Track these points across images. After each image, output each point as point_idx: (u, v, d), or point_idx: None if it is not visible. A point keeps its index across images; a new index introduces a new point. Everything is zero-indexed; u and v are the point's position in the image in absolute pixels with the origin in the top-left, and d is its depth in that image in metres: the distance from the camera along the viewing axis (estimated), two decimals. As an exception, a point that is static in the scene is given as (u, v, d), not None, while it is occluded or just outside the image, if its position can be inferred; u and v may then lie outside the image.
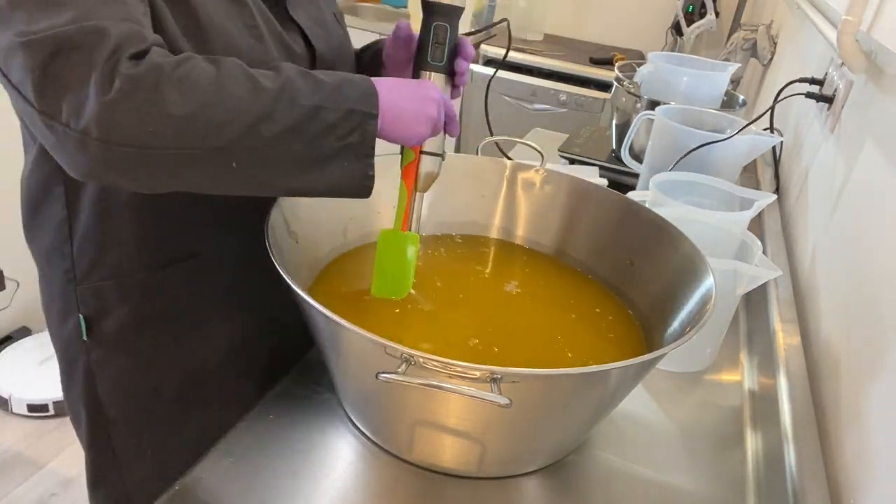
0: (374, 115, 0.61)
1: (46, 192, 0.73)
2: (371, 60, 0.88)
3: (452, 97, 0.76)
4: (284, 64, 0.61)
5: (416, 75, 0.72)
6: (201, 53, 0.63)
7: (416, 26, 0.76)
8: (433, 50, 0.71)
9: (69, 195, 0.72)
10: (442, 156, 0.73)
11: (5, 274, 2.00)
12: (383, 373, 0.52)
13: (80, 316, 0.75)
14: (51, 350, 2.22)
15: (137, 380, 0.78)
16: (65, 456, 1.78)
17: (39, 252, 0.78)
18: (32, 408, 1.86)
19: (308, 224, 0.77)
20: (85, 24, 0.52)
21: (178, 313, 0.76)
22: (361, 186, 0.62)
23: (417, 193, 0.73)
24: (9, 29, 0.52)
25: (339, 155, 0.60)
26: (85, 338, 0.75)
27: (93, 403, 0.78)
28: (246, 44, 0.69)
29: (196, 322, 0.78)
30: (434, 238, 0.88)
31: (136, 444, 0.81)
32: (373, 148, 0.61)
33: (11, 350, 1.99)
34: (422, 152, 0.71)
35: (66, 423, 1.86)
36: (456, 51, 0.72)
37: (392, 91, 0.64)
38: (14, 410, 1.87)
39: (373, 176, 0.62)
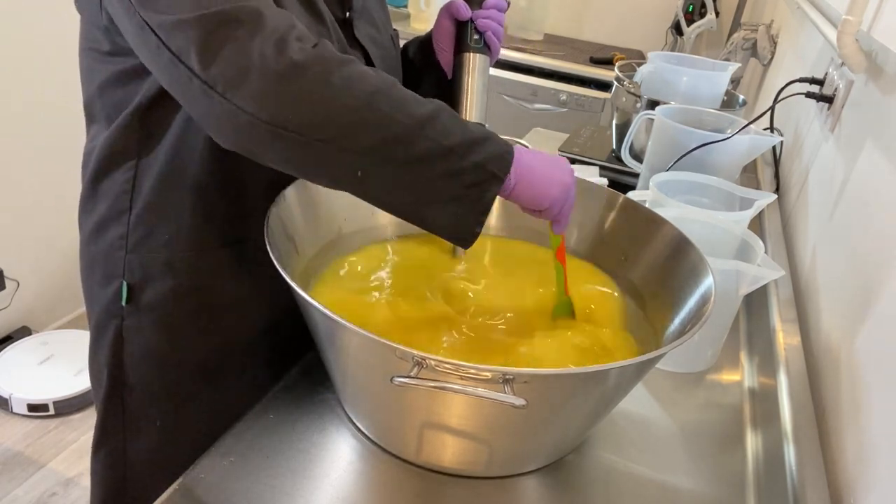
0: (501, 179, 0.63)
1: (116, 162, 0.76)
2: (420, 49, 0.93)
3: (492, 59, 0.85)
4: (438, 101, 0.63)
5: (457, 57, 0.83)
6: None
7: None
8: (471, 33, 0.82)
9: (139, 167, 0.75)
10: (485, 126, 0.79)
11: (5, 274, 2.00)
12: (399, 376, 0.52)
13: (124, 282, 0.78)
14: (51, 350, 2.20)
15: (163, 350, 0.81)
16: (65, 456, 1.78)
17: (93, 217, 0.80)
18: (32, 408, 1.86)
19: (305, 226, 0.77)
20: (245, 5, 0.57)
21: (217, 293, 0.80)
22: (463, 237, 0.64)
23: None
24: (161, 9, 0.57)
25: (454, 201, 0.62)
26: (124, 303, 0.79)
27: (116, 366, 0.82)
28: None
29: (232, 303, 0.81)
30: (430, 237, 0.88)
31: (146, 411, 0.83)
32: (489, 208, 0.63)
33: (11, 350, 1.99)
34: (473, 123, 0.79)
35: (66, 422, 1.87)
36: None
37: (528, 156, 0.66)
38: (14, 410, 1.87)
39: (478, 233, 0.64)
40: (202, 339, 0.81)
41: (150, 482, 0.85)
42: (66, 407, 1.89)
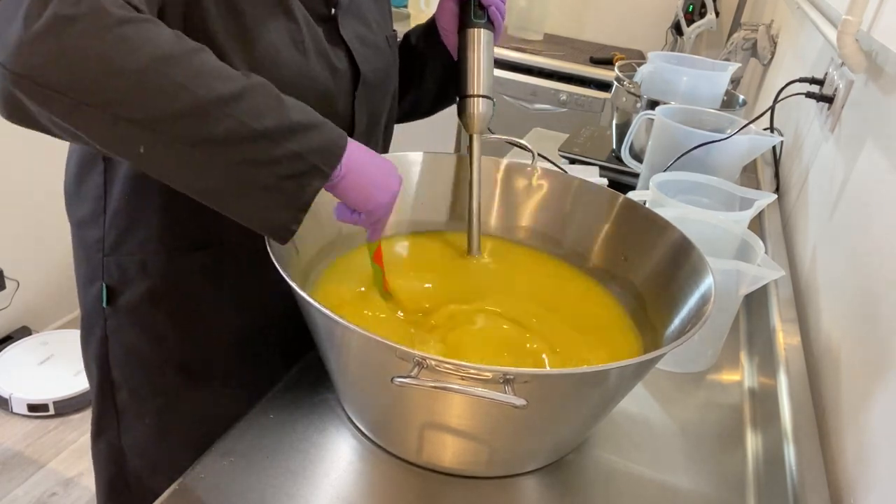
0: (325, 174, 0.58)
1: (90, 165, 0.76)
2: (423, 35, 0.93)
3: (496, 36, 0.85)
4: (260, 78, 0.58)
5: (461, 33, 0.83)
6: (242, 56, 0.65)
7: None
8: (475, 10, 0.82)
9: (107, 171, 0.75)
10: (493, 99, 0.81)
11: (5, 274, 2.00)
12: (399, 376, 0.52)
13: (104, 284, 0.79)
14: (51, 350, 2.21)
15: (145, 351, 0.81)
16: (65, 456, 1.78)
17: (76, 220, 0.82)
18: (32, 408, 1.86)
19: (305, 225, 0.77)
20: None
21: (194, 296, 0.80)
22: (276, 233, 0.60)
23: (476, 136, 0.80)
24: None
25: (265, 192, 0.57)
26: (105, 305, 0.80)
27: (103, 365, 0.83)
28: (289, 54, 0.70)
29: (210, 307, 0.80)
30: (427, 237, 0.88)
31: (136, 408, 0.85)
32: (309, 203, 0.58)
33: (11, 350, 1.99)
34: (479, 96, 0.80)
35: (66, 422, 1.87)
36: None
37: (361, 153, 0.62)
38: (14, 410, 1.87)
39: (295, 230, 0.59)
40: (183, 341, 0.81)
41: (149, 474, 0.87)
42: (66, 407, 1.89)
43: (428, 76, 0.93)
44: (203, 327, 0.81)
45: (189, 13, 0.63)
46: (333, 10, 0.76)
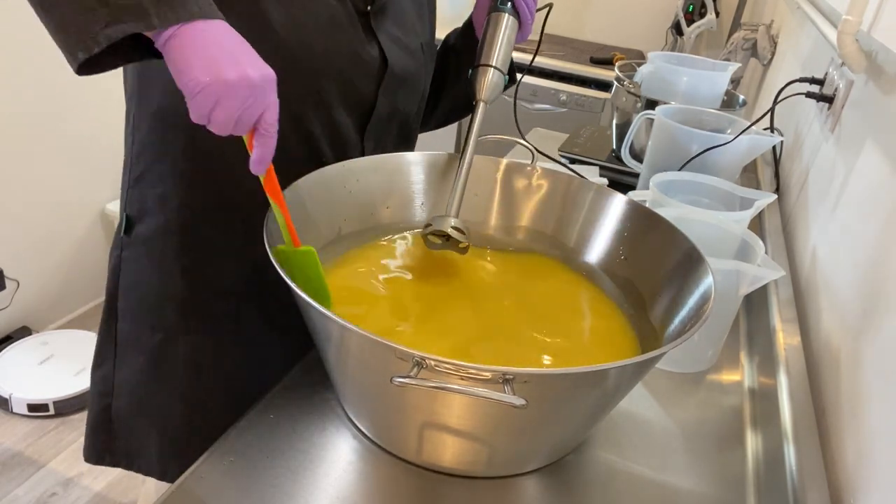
0: (149, 25, 0.51)
1: (129, 99, 0.81)
2: (462, 34, 0.96)
3: (521, 32, 0.86)
4: None
5: (487, 18, 0.84)
6: (281, 12, 0.69)
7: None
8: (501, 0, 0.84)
9: (137, 105, 0.79)
10: (504, 73, 0.82)
11: (5, 274, 2.00)
12: (398, 376, 0.52)
13: (125, 214, 0.84)
14: (51, 350, 2.21)
15: (151, 285, 0.85)
16: (65, 456, 1.78)
17: (125, 156, 0.85)
18: (32, 408, 1.86)
19: (305, 226, 0.77)
20: None
21: (204, 234, 0.83)
22: (68, 52, 0.53)
23: (482, 104, 0.81)
24: None
25: (79, 7, 0.51)
26: (122, 234, 0.85)
27: (112, 293, 0.88)
28: (322, 24, 0.74)
29: (218, 249, 0.83)
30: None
31: (133, 343, 0.87)
32: (111, 39, 0.51)
33: (11, 350, 1.99)
34: (492, 66, 0.81)
35: (66, 422, 1.87)
36: None
37: (223, 31, 0.55)
38: (14, 410, 1.87)
39: (80, 60, 0.52)
40: (187, 279, 0.84)
41: (134, 414, 0.90)
42: (66, 407, 1.89)
43: (464, 72, 0.95)
44: (208, 268, 0.84)
45: None
46: (369, 7, 0.80)
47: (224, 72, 0.54)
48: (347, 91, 0.80)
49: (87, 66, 0.54)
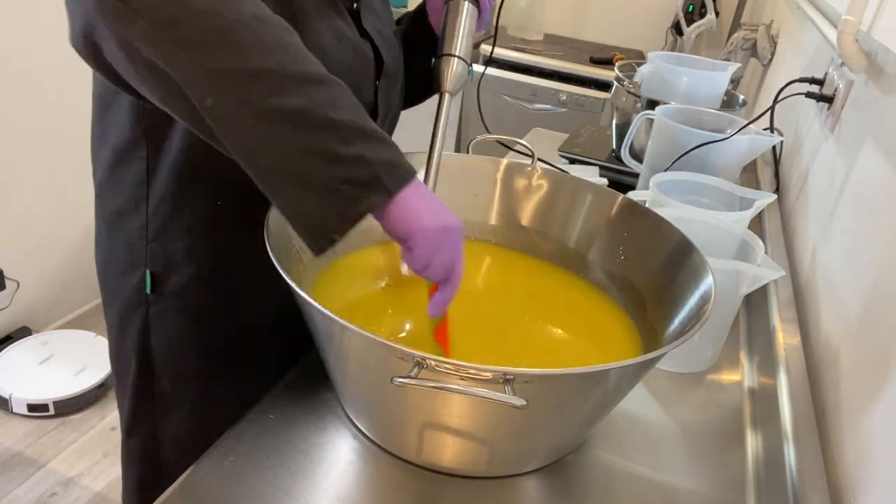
0: (387, 191, 0.55)
1: (129, 152, 0.74)
2: (414, 19, 0.92)
3: (479, 20, 0.82)
4: (344, 84, 0.56)
5: (446, 5, 0.81)
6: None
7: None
8: None
9: (152, 158, 0.73)
10: (468, 62, 0.80)
11: (5, 274, 2.00)
12: (399, 377, 0.52)
13: (147, 271, 0.78)
14: (51, 350, 2.19)
15: (189, 335, 0.81)
16: (65, 456, 1.78)
17: (110, 209, 0.80)
18: (32, 408, 1.86)
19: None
20: None
21: (238, 277, 0.79)
22: (316, 238, 0.56)
23: (447, 95, 0.78)
24: None
25: (319, 190, 0.54)
26: (148, 292, 0.79)
27: (144, 352, 0.82)
28: (332, 45, 0.71)
29: (254, 286, 0.80)
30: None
31: (176, 395, 0.84)
32: (359, 218, 0.55)
33: (11, 350, 1.99)
34: (456, 56, 0.79)
35: (66, 422, 1.87)
36: None
37: (426, 191, 0.59)
38: (14, 410, 1.87)
39: (335, 242, 0.56)
40: (225, 323, 0.82)
41: (184, 463, 0.88)
42: (66, 407, 1.89)
43: (415, 62, 0.93)
44: (243, 308, 0.81)
45: None
46: (356, 5, 0.78)
47: (443, 219, 0.58)
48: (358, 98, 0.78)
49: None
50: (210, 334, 0.82)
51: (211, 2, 0.49)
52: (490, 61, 1.19)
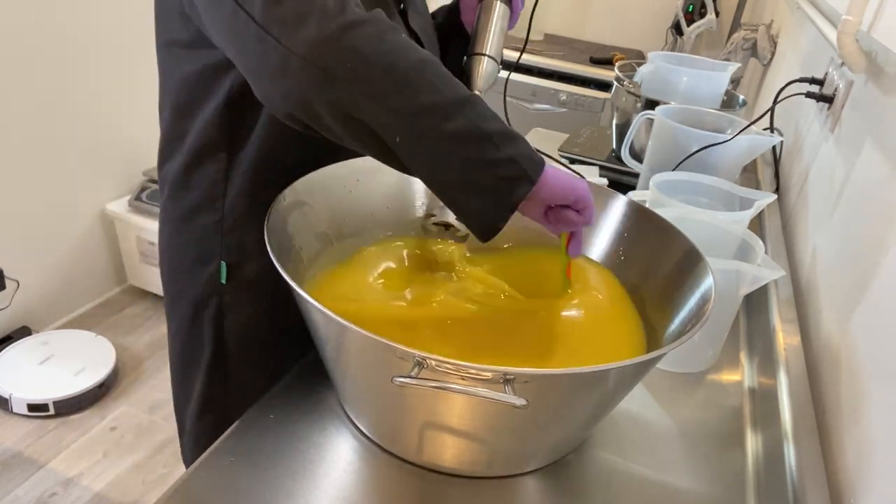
0: (532, 181, 0.63)
1: (207, 154, 0.80)
2: (448, 15, 0.96)
3: (511, 20, 0.87)
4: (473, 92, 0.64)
5: (479, 4, 0.85)
6: None
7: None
8: None
9: (231, 158, 0.80)
10: (498, 61, 0.83)
11: (5, 274, 2.00)
12: (399, 376, 0.52)
13: (223, 262, 0.84)
14: (51, 350, 2.20)
15: (261, 321, 0.87)
16: (65, 456, 1.78)
17: (184, 206, 0.85)
18: (32, 408, 1.86)
19: (306, 226, 0.77)
20: None
21: None
22: (486, 229, 0.64)
23: (478, 93, 0.81)
24: None
25: (484, 191, 0.62)
26: (223, 281, 0.85)
27: (218, 338, 0.87)
28: None
29: None
30: (426, 237, 0.88)
31: (249, 376, 0.89)
32: (515, 206, 0.63)
33: (11, 350, 1.99)
34: (486, 55, 0.81)
35: (66, 423, 1.87)
36: None
37: (552, 168, 0.67)
38: (14, 410, 1.87)
39: (501, 228, 0.64)
40: (294, 309, 0.84)
41: None
42: (66, 407, 1.89)
43: (446, 56, 0.96)
44: None
45: None
46: (402, 5, 0.82)
47: (582, 180, 0.69)
48: None
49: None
50: (280, 320, 0.86)
51: (390, 56, 0.59)
52: (517, 67, 1.22)
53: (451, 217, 0.77)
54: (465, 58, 0.84)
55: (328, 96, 0.59)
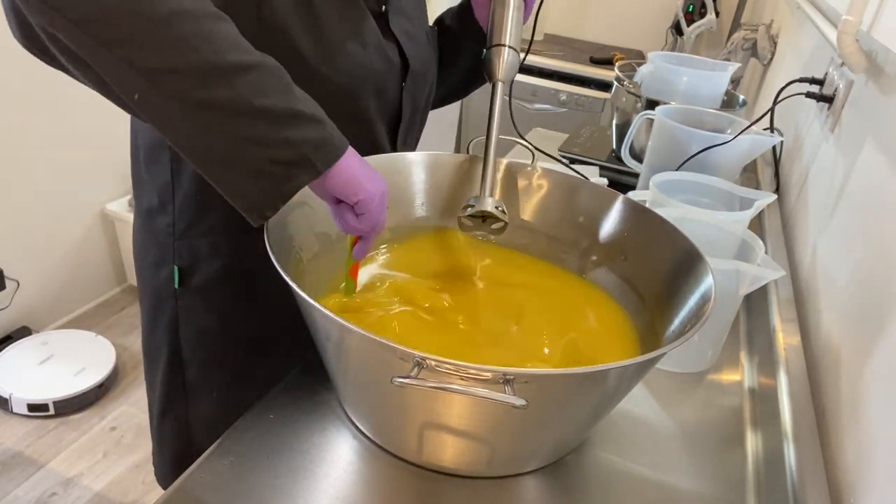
0: (316, 171, 0.58)
1: (156, 155, 0.79)
2: (458, 15, 0.95)
3: (525, 13, 0.85)
4: (275, 62, 0.58)
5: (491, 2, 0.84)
6: (312, 47, 0.68)
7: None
8: None
9: (176, 161, 0.77)
10: (518, 51, 0.82)
11: (5, 274, 2.00)
12: (399, 377, 0.52)
13: (175, 267, 0.83)
14: (51, 350, 2.20)
15: (215, 328, 0.86)
16: (65, 456, 1.78)
17: (144, 207, 0.84)
18: (32, 408, 1.86)
19: (306, 226, 0.77)
20: None
21: (261, 273, 0.81)
22: (250, 214, 0.59)
23: (500, 84, 0.80)
24: None
25: (253, 173, 0.57)
26: (176, 286, 0.84)
27: (174, 343, 0.87)
28: (352, 47, 0.74)
29: (274, 282, 0.81)
30: (426, 237, 0.88)
31: (205, 383, 0.89)
32: (290, 195, 0.58)
33: (11, 350, 1.99)
34: (507, 46, 0.81)
35: (66, 423, 1.87)
36: None
37: (358, 161, 0.63)
38: (14, 410, 1.87)
39: (269, 217, 0.59)
40: (247, 316, 0.85)
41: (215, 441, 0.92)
42: (66, 407, 1.89)
43: (461, 55, 0.96)
44: (268, 304, 0.84)
45: (261, 3, 0.67)
46: (384, 7, 0.81)
47: (380, 185, 0.64)
48: (381, 101, 0.81)
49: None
50: (234, 327, 0.85)
51: (131, 3, 0.50)
52: (528, 70, 1.22)
53: (488, 206, 0.76)
54: (484, 51, 0.84)
55: (48, 28, 0.51)
